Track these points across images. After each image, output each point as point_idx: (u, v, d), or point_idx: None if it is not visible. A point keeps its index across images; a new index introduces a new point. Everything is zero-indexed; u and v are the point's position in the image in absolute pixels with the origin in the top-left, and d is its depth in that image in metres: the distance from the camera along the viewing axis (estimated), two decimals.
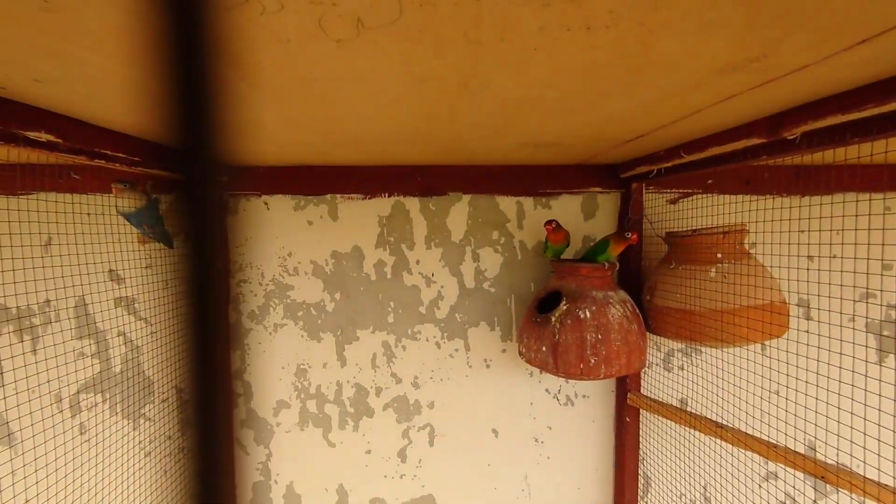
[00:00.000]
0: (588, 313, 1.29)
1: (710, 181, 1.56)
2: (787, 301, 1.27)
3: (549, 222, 1.42)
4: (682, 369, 1.64)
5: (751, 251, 1.33)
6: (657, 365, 1.66)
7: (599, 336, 1.27)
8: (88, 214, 1.36)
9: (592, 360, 1.26)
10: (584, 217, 1.64)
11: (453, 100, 0.82)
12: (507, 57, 0.62)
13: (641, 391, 1.62)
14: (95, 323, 1.48)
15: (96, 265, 1.39)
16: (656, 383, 1.65)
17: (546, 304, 1.41)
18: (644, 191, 1.57)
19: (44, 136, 0.87)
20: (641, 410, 1.61)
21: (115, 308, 1.50)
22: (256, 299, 1.63)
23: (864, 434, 1.09)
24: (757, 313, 1.21)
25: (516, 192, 1.63)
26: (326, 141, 1.20)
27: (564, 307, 1.32)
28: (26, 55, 0.62)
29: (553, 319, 1.32)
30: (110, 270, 1.47)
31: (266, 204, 1.60)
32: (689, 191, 1.58)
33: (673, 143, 1.19)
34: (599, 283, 1.36)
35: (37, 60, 0.64)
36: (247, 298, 1.63)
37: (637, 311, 1.37)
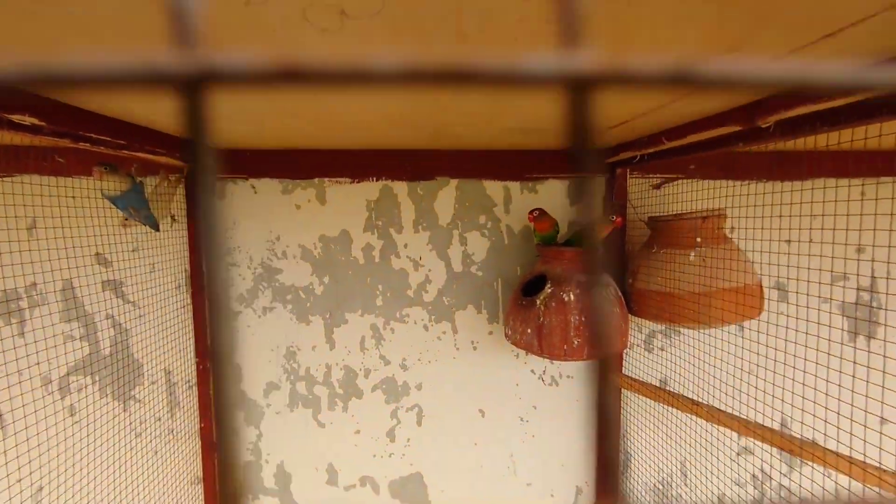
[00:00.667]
0: (572, 296, 1.32)
1: (692, 166, 1.59)
2: (763, 284, 1.31)
3: (531, 211, 1.43)
4: (663, 350, 1.69)
5: (730, 236, 1.37)
6: (639, 346, 1.70)
7: (583, 318, 1.31)
8: (73, 197, 1.35)
9: (576, 342, 1.30)
10: (570, 202, 1.67)
11: (440, 90, 0.83)
12: (489, 48, 0.64)
13: (623, 371, 1.67)
14: (84, 306, 1.48)
15: (82, 248, 1.38)
16: (638, 364, 1.70)
17: (531, 287, 1.44)
18: (628, 176, 1.60)
19: (27, 120, 0.87)
20: (623, 390, 1.66)
21: (103, 291, 1.50)
22: (245, 282, 1.64)
23: (837, 413, 1.12)
24: (732, 295, 1.25)
25: (503, 176, 1.64)
26: (317, 128, 1.20)
27: (549, 290, 1.35)
28: (15, 44, 0.62)
29: (538, 302, 1.35)
30: (97, 254, 1.47)
31: (253, 187, 1.60)
32: (673, 176, 1.61)
33: (655, 130, 1.21)
34: (583, 266, 1.39)
35: (25, 47, 0.63)
36: (235, 282, 1.64)
37: (620, 294, 1.41)
